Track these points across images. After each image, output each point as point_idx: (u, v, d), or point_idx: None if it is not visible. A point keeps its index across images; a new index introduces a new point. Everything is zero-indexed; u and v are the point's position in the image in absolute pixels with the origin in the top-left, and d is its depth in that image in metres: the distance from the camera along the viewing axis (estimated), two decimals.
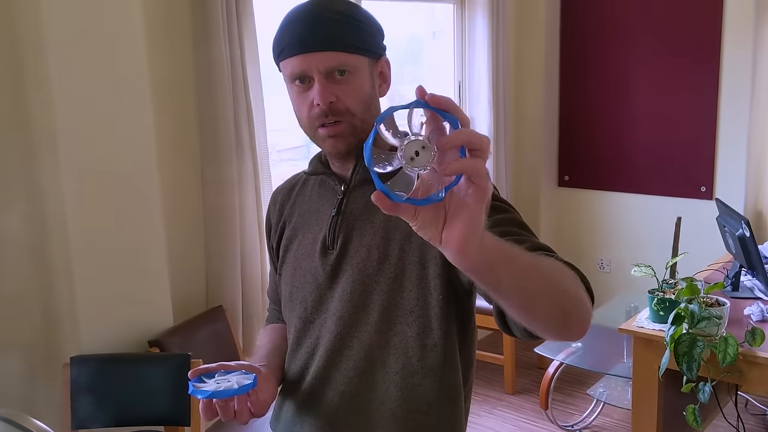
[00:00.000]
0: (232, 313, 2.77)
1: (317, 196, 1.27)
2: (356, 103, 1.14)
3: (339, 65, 1.11)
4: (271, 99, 2.90)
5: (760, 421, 3.35)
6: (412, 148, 0.69)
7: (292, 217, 1.30)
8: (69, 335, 2.34)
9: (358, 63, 1.13)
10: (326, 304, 1.20)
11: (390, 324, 1.16)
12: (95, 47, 2.28)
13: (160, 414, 2.24)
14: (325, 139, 1.16)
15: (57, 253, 2.29)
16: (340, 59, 1.11)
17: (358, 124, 1.15)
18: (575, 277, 0.96)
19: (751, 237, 2.49)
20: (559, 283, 0.91)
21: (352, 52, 1.12)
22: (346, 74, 1.12)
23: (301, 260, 1.25)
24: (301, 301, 1.24)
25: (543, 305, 0.89)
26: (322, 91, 1.11)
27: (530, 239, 1.07)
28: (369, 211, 1.19)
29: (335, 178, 1.24)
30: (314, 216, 1.26)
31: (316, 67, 1.11)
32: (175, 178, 2.67)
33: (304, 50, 1.11)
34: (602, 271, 4.31)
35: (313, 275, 1.22)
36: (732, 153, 3.73)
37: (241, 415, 1.13)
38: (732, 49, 3.66)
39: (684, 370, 2.14)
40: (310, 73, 1.12)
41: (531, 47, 4.23)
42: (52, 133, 2.21)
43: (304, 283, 1.23)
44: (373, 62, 1.17)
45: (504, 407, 3.61)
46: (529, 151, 4.34)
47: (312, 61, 1.11)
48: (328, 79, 1.12)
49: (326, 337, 1.20)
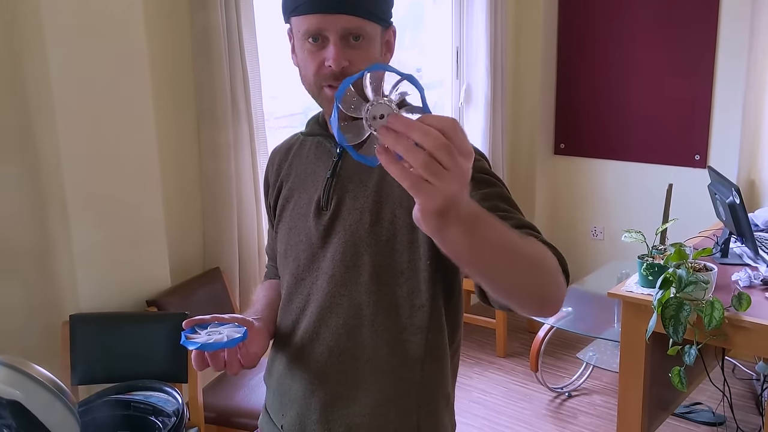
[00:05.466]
0: (229, 275, 2.80)
1: (314, 158, 1.29)
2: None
3: (356, 30, 1.12)
4: (267, 65, 2.90)
5: (746, 385, 3.42)
6: (378, 111, 0.73)
7: (289, 178, 1.32)
8: (68, 294, 2.38)
9: (372, 30, 1.14)
10: (318, 262, 1.23)
11: (380, 284, 1.18)
12: (92, 11, 2.27)
13: (157, 371, 2.29)
14: (331, 99, 1.16)
15: (55, 214, 2.32)
16: (358, 24, 1.12)
17: None
18: (554, 258, 0.99)
19: (741, 204, 2.52)
20: (540, 266, 0.94)
21: (369, 18, 1.13)
22: (361, 40, 1.13)
23: (296, 220, 1.28)
24: (294, 259, 1.27)
25: (521, 286, 0.93)
26: (337, 54, 1.11)
27: (516, 216, 1.09)
28: (363, 174, 1.21)
29: (332, 141, 1.26)
30: (310, 177, 1.28)
31: (334, 28, 1.11)
32: (173, 141, 2.68)
33: (323, 10, 1.11)
34: (596, 238, 4.35)
35: (306, 234, 1.25)
36: (727, 122, 3.75)
37: (231, 366, 1.17)
38: (729, 16, 3.64)
39: (670, 333, 2.19)
40: (326, 33, 1.12)
41: (529, 15, 4.21)
42: (49, 99, 2.21)
43: (298, 242, 1.26)
44: (384, 30, 1.18)
45: (495, 370, 3.68)
46: (526, 119, 4.35)
47: (330, 22, 1.11)
48: (342, 42, 1.12)
49: (317, 294, 1.23)
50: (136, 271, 2.50)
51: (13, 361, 0.93)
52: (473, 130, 3.98)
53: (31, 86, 2.25)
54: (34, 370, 0.94)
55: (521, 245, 0.91)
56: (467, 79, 3.97)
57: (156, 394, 2.04)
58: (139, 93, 2.43)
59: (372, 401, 1.21)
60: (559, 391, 3.45)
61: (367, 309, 1.19)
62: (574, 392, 3.46)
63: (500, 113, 4.03)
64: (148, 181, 2.49)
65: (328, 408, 1.23)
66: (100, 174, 2.36)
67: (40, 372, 0.94)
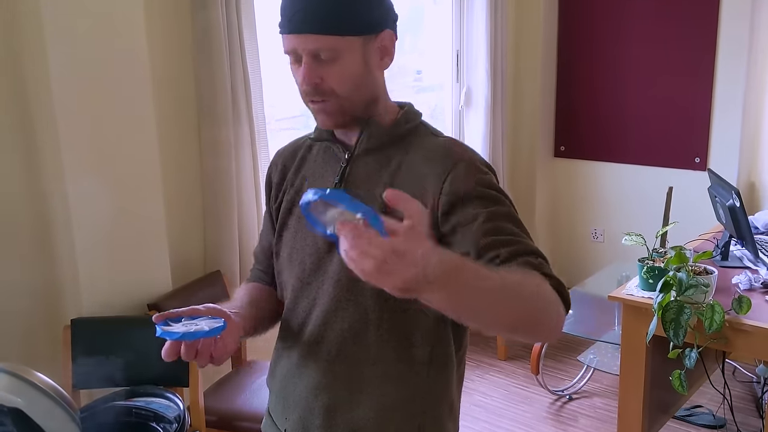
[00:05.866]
0: (229, 278, 2.81)
1: (321, 162, 1.29)
2: (341, 84, 1.15)
3: (323, 48, 1.12)
4: (268, 67, 2.91)
5: (746, 388, 3.42)
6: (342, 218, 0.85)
7: (296, 181, 1.32)
8: (70, 298, 2.38)
9: (345, 45, 1.13)
10: (324, 267, 1.23)
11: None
12: (92, 11, 2.28)
13: (158, 375, 2.29)
14: (315, 114, 1.21)
15: (58, 217, 2.32)
16: (324, 43, 1.12)
17: (346, 103, 1.17)
18: (551, 291, 1.02)
19: (741, 207, 2.53)
20: (531, 301, 0.99)
21: (341, 34, 1.12)
22: (331, 56, 1.13)
23: (303, 224, 1.27)
24: (299, 263, 1.27)
25: (510, 323, 0.99)
26: (306, 73, 1.14)
27: (520, 241, 1.10)
28: (371, 181, 1.21)
29: (339, 146, 1.26)
30: (318, 182, 1.28)
31: (303, 48, 1.13)
32: (174, 141, 2.68)
33: (292, 30, 1.13)
34: (596, 240, 4.35)
35: (313, 239, 1.24)
36: (727, 124, 3.75)
37: (202, 357, 1.13)
38: (729, 19, 3.65)
39: (671, 336, 2.19)
40: (299, 52, 1.14)
41: (530, 18, 4.21)
42: (49, 100, 2.21)
43: (304, 246, 1.26)
44: (369, 39, 1.16)
45: (496, 372, 3.68)
46: (526, 122, 4.35)
47: (298, 42, 1.13)
48: (315, 60, 1.13)
49: (323, 299, 1.23)
50: (138, 274, 2.50)
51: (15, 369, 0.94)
52: (473, 133, 3.99)
53: (31, 87, 2.25)
54: (35, 378, 0.94)
55: (509, 284, 0.95)
56: (467, 82, 3.97)
57: (157, 400, 2.04)
58: (140, 93, 2.43)
59: (376, 405, 1.21)
60: (560, 394, 3.45)
61: (373, 314, 1.19)
62: (575, 395, 3.46)
63: (500, 116, 4.03)
64: (149, 182, 2.49)
65: (331, 412, 1.23)
66: (101, 176, 2.35)
67: (41, 379, 0.95)
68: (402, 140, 1.23)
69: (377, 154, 1.23)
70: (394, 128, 1.23)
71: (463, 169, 1.16)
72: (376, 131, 1.22)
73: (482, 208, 1.11)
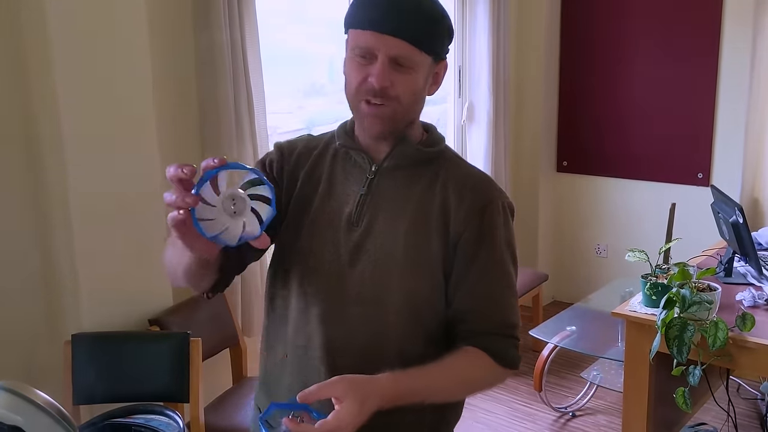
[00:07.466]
0: (231, 295, 2.80)
1: (341, 168, 1.28)
2: (408, 94, 1.19)
3: (405, 56, 1.16)
4: (271, 81, 2.92)
5: (751, 405, 3.40)
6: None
7: (312, 178, 1.29)
8: (71, 313, 2.37)
9: (421, 59, 1.18)
10: (345, 277, 1.23)
11: (408, 306, 1.22)
12: (97, 29, 2.29)
13: (159, 391, 2.28)
14: (366, 115, 1.20)
15: (59, 233, 2.32)
16: (408, 51, 1.16)
17: (401, 113, 1.20)
18: (492, 371, 1.23)
19: (744, 223, 2.52)
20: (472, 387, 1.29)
21: (421, 48, 1.17)
22: (408, 66, 1.17)
23: (322, 228, 1.25)
24: (317, 269, 1.24)
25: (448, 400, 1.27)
26: (381, 74, 1.15)
27: (496, 312, 1.24)
28: (400, 196, 1.24)
29: (363, 155, 1.26)
30: (338, 188, 1.27)
31: (384, 49, 1.15)
32: (177, 160, 2.68)
33: (378, 29, 1.14)
34: (599, 256, 4.34)
35: (334, 245, 1.24)
36: (730, 141, 3.75)
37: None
38: (732, 35, 3.66)
39: (674, 353, 2.17)
40: (375, 52, 1.15)
41: (532, 33, 4.23)
42: (55, 115, 2.22)
43: (324, 251, 1.24)
44: (434, 63, 1.22)
45: (499, 389, 3.65)
46: (528, 137, 4.36)
47: (382, 43, 1.15)
48: (390, 64, 1.16)
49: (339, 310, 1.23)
50: (139, 289, 2.50)
51: (15, 386, 0.93)
52: (476, 148, 3.99)
53: (36, 99, 2.25)
54: (35, 395, 0.93)
55: (451, 382, 1.20)
56: (470, 97, 3.98)
57: (157, 417, 2.03)
58: (143, 111, 2.44)
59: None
60: (563, 411, 3.42)
61: (393, 332, 1.22)
62: (578, 412, 3.43)
63: (503, 131, 4.03)
64: (151, 199, 2.49)
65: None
66: (104, 193, 2.36)
67: (41, 397, 0.94)
68: (431, 162, 1.27)
69: (406, 171, 1.26)
70: (423, 148, 1.27)
71: (492, 211, 1.24)
72: (409, 149, 1.25)
73: (487, 259, 1.23)
